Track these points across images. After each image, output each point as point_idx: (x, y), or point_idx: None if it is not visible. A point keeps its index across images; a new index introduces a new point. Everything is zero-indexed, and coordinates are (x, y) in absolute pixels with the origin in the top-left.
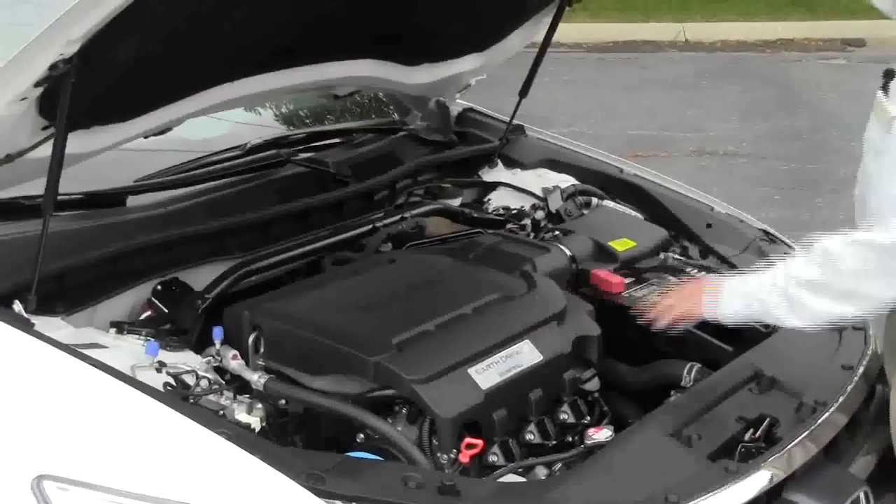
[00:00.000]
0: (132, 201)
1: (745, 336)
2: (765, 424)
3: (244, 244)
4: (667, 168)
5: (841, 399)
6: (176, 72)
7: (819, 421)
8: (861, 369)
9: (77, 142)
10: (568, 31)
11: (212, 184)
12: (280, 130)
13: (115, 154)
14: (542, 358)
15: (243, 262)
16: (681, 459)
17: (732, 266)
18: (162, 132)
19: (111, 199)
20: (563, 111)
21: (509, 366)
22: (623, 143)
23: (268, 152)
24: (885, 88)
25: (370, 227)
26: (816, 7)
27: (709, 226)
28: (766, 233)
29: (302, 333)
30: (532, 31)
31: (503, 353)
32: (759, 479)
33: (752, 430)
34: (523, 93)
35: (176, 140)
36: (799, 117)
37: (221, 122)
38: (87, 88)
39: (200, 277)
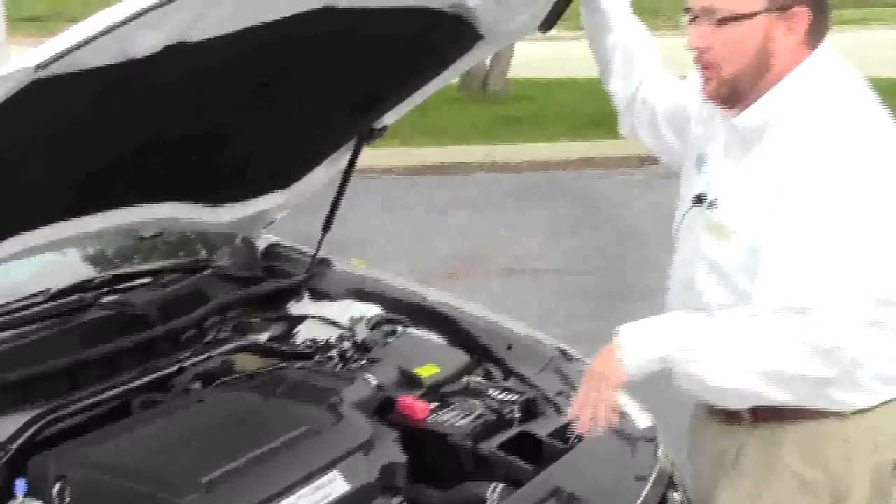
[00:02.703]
0: None
1: (546, 453)
2: None
3: (49, 391)
4: (479, 287)
5: None
6: None
7: None
8: (653, 477)
9: None
10: (379, 157)
11: (14, 332)
12: (86, 271)
13: None
14: (349, 488)
15: (48, 409)
16: None
17: (533, 386)
18: None
19: None
20: (378, 235)
21: (318, 498)
22: (437, 263)
23: (72, 297)
24: (712, 206)
25: (178, 367)
26: (616, 127)
27: (509, 348)
28: (563, 352)
29: (109, 479)
30: (334, 166)
31: (312, 485)
32: None
33: None
34: (326, 227)
35: None
36: (602, 231)
37: (26, 264)
38: None
39: (2, 429)
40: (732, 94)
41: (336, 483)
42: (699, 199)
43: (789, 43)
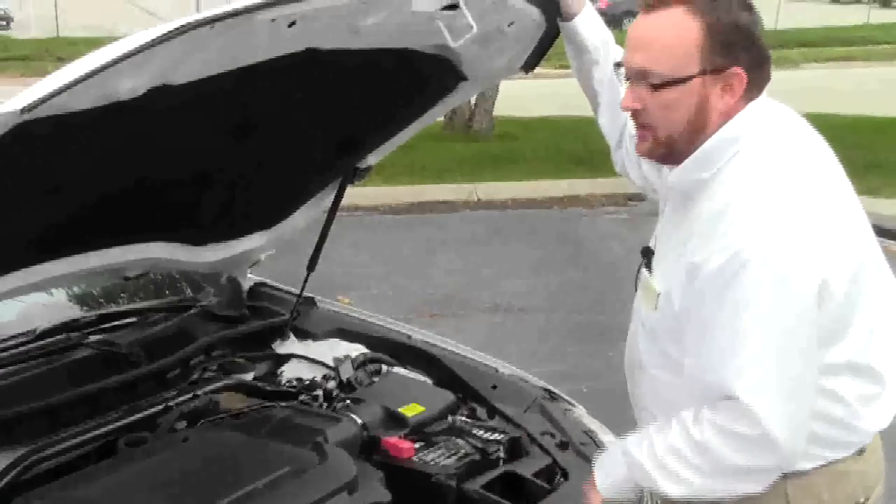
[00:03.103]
0: None
1: (530, 493)
2: None
3: (34, 431)
4: (463, 326)
5: None
6: None
7: None
8: None
9: None
10: (364, 194)
11: None
12: (73, 311)
13: None
14: None
15: (33, 449)
16: None
17: (517, 426)
18: None
19: None
20: (363, 273)
21: None
22: (421, 302)
23: (58, 336)
24: (648, 266)
25: (163, 406)
26: (600, 165)
27: (494, 387)
28: (548, 391)
29: None
30: (318, 207)
31: None
32: None
33: None
34: (311, 267)
35: None
36: (587, 270)
37: (12, 303)
38: None
39: None
40: (668, 153)
41: None
42: (644, 253)
43: (727, 102)
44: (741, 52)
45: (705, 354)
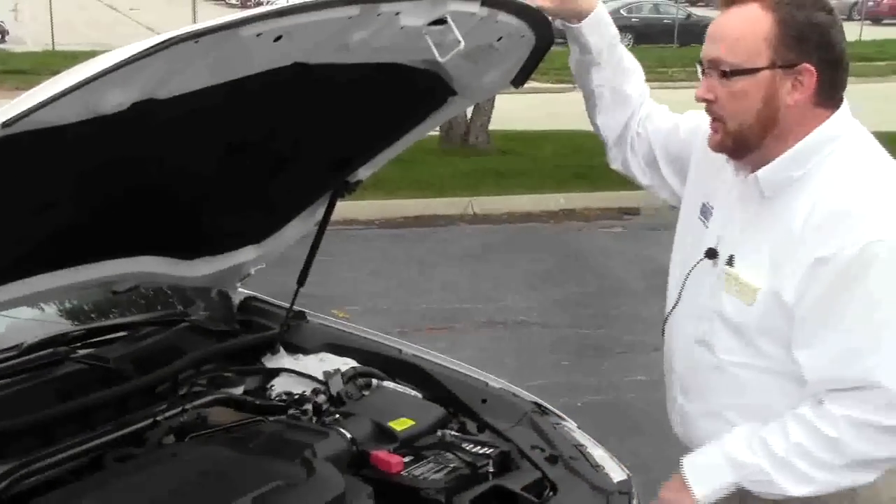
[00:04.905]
0: None
1: None
2: None
3: (22, 446)
4: (461, 340)
5: None
6: None
7: None
8: None
9: None
10: (362, 209)
11: None
12: (62, 325)
13: None
14: None
15: (19, 465)
16: None
17: (507, 440)
18: None
19: None
20: (362, 288)
21: None
22: (419, 317)
23: (45, 351)
24: (730, 263)
25: (152, 420)
26: (596, 179)
27: (484, 401)
28: (538, 405)
29: None
30: (308, 221)
31: None
32: None
33: None
34: (301, 281)
35: None
36: (585, 284)
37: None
38: None
39: None
40: (739, 146)
41: None
42: (710, 254)
43: (797, 99)
44: (814, 50)
45: (837, 346)
